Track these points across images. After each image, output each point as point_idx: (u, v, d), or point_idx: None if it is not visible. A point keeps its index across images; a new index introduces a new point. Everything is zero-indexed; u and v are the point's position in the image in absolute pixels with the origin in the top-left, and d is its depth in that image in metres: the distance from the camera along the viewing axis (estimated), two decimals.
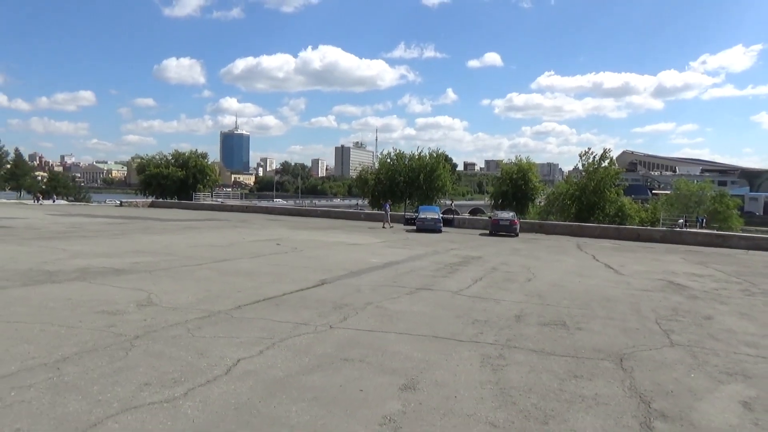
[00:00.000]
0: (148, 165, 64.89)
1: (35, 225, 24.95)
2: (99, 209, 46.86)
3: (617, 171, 48.65)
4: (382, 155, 58.08)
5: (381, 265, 15.24)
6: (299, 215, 46.82)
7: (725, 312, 10.46)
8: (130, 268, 12.44)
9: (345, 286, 11.26)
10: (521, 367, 6.09)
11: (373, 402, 4.84)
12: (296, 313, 8.39)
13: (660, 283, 14.33)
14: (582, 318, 9.04)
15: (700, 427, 4.64)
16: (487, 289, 11.71)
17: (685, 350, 7.24)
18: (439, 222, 32.93)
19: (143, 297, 9.17)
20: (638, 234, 36.21)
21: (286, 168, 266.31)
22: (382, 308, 9.08)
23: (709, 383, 5.87)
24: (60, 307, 8.16)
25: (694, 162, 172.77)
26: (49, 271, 11.69)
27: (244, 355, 6.02)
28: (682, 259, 22.56)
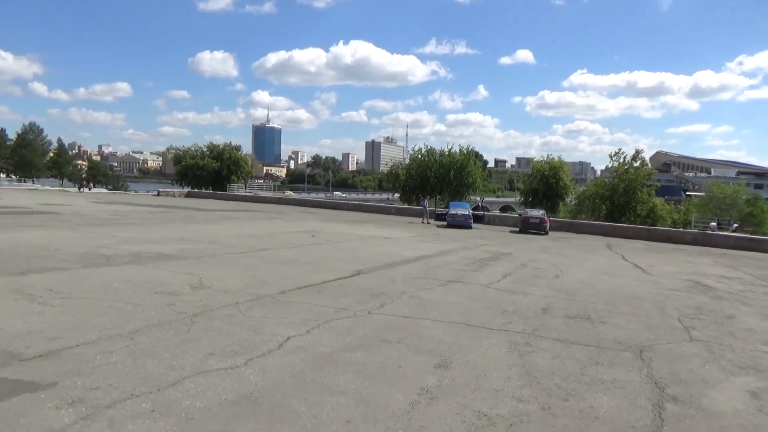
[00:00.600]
0: (185, 156, 66.53)
1: (81, 212, 26.14)
2: (138, 198, 48.41)
3: (649, 172, 48.25)
4: (413, 150, 58.52)
5: (413, 258, 15.81)
6: (331, 208, 47.64)
7: (748, 312, 10.76)
8: (178, 255, 13.26)
9: (380, 276, 11.87)
10: (546, 353, 6.62)
11: (411, 376, 5.43)
12: (336, 299, 9.03)
13: (687, 283, 14.59)
14: (606, 313, 9.48)
15: (707, 410, 5.11)
16: (516, 284, 12.19)
17: (703, 345, 7.66)
18: (469, 218, 33.31)
19: (195, 280, 9.92)
20: (669, 235, 36.01)
21: (317, 161, 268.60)
22: (416, 297, 9.67)
23: (722, 375, 6.31)
24: (122, 287, 8.95)
25: (730, 164, 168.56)
26: (104, 255, 12.57)
27: (293, 334, 6.67)
28: (712, 261, 22.59)
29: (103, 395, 4.42)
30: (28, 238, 14.72)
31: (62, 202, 33.64)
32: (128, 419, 4.01)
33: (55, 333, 6.08)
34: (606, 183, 49.52)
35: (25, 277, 9.31)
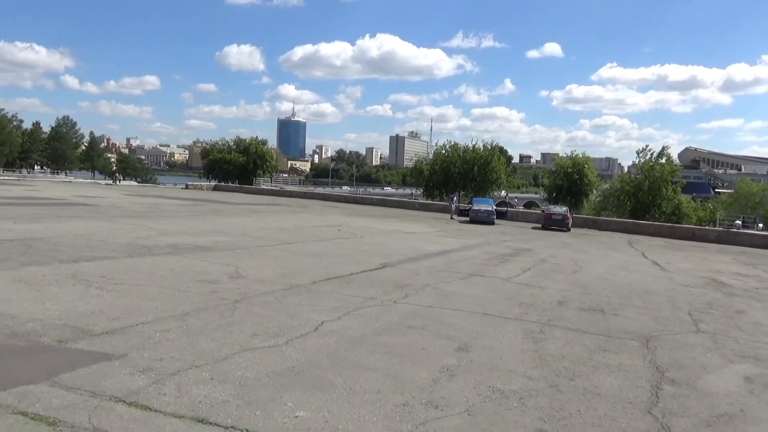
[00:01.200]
0: (212, 150, 67.91)
1: (116, 204, 27.21)
2: (168, 191, 49.71)
3: (674, 169, 48.05)
4: (437, 146, 58.91)
5: (436, 252, 16.42)
6: (355, 203, 48.41)
7: (759, 308, 11.16)
8: (213, 246, 14.05)
9: (404, 269, 12.50)
10: (558, 340, 7.18)
11: (434, 357, 6.06)
12: (364, 289, 9.69)
13: (703, 280, 14.95)
14: (619, 306, 9.98)
15: (701, 390, 5.65)
16: (535, 278, 12.72)
17: (709, 336, 8.14)
18: (492, 214, 33.71)
19: (232, 270, 10.66)
20: (693, 233, 36.01)
21: (341, 155, 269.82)
22: (438, 289, 10.28)
23: (721, 362, 6.81)
24: (167, 275, 9.72)
25: (761, 161, 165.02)
26: (145, 245, 13.41)
27: (326, 319, 7.34)
28: (732, 259, 22.77)
29: (167, 365, 5.13)
30: (71, 228, 15.64)
31: (96, 194, 34.86)
32: (192, 384, 4.71)
33: (116, 314, 6.84)
34: (631, 179, 49.46)
35: (77, 264, 10.13)
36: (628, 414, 4.81)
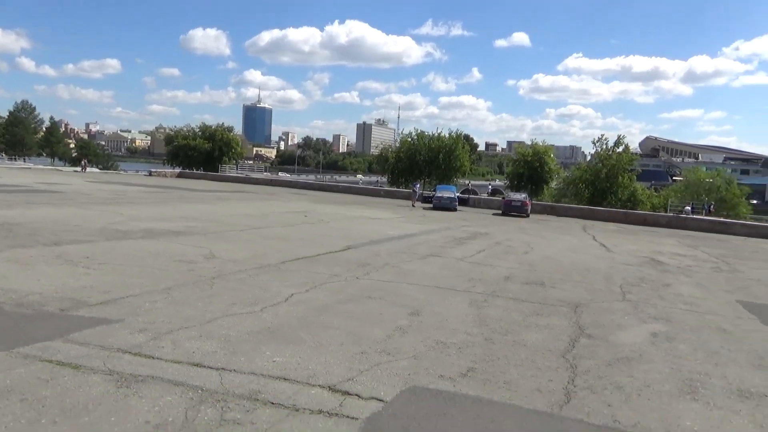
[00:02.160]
0: (176, 136, 67.28)
1: (82, 191, 27.40)
2: (132, 178, 49.47)
3: (631, 157, 50.01)
4: (403, 134, 59.88)
5: (398, 236, 17.42)
6: (321, 190, 49.08)
7: (685, 282, 12.49)
8: (185, 231, 14.74)
9: (367, 251, 13.46)
10: (498, 307, 8.26)
11: (389, 319, 7.05)
12: (329, 268, 10.61)
13: (642, 260, 16.31)
14: (559, 281, 11.16)
15: (611, 342, 6.78)
16: (487, 258, 13.84)
17: (631, 304, 9.35)
18: (454, 201, 34.88)
19: (206, 252, 11.45)
20: (645, 219, 37.88)
21: (307, 143, 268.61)
22: (397, 267, 11.28)
23: (635, 323, 8.00)
24: (145, 256, 10.47)
25: (718, 149, 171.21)
26: (120, 230, 14.04)
27: (295, 292, 8.26)
28: (677, 242, 24.39)
29: (160, 327, 5.98)
30: (44, 214, 16.10)
31: (59, 181, 34.74)
32: (184, 340, 5.58)
33: (106, 288, 7.62)
34: (589, 168, 51.33)
35: (59, 247, 10.79)
36: (545, 358, 5.89)
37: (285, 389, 4.52)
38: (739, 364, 6.31)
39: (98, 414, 3.84)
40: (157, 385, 4.39)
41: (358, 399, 4.46)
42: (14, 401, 3.94)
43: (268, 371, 4.91)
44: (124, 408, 3.96)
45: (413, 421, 4.11)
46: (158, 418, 3.84)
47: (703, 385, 5.43)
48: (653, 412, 4.65)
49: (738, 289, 12.09)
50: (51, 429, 3.60)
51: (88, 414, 3.83)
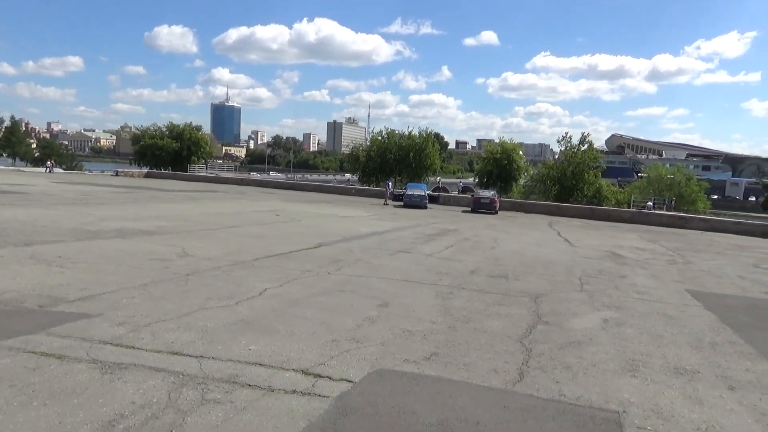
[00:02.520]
0: (143, 136, 66.44)
1: (48, 192, 27.08)
2: (98, 178, 48.72)
3: (595, 155, 51.32)
4: (374, 133, 60.31)
5: (369, 233, 17.80)
6: (292, 189, 49.11)
7: (641, 274, 13.15)
8: (156, 230, 14.87)
9: (339, 248, 13.81)
10: (462, 299, 8.71)
11: (359, 310, 7.43)
12: (302, 264, 10.93)
13: (603, 253, 17.01)
14: (522, 273, 11.68)
15: (565, 328, 7.28)
16: (455, 254, 14.32)
17: (588, 294, 9.91)
18: (425, 199, 35.42)
19: (180, 251, 11.66)
20: (609, 214, 38.99)
21: (277, 141, 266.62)
22: (368, 263, 11.66)
23: (589, 310, 8.53)
24: (119, 255, 10.63)
25: (681, 147, 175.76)
26: (91, 230, 14.10)
27: (269, 286, 8.57)
28: (637, 236, 25.30)
29: (139, 320, 6.25)
30: (11, 215, 16.02)
31: (23, 181, 34.13)
32: (163, 332, 5.87)
33: (82, 286, 7.83)
34: (555, 165, 52.51)
35: (31, 247, 10.87)
36: (503, 342, 6.34)
37: (261, 373, 4.87)
38: (679, 345, 6.87)
39: (86, 396, 4.14)
40: (140, 372, 4.69)
41: (329, 380, 4.83)
42: (4, 387, 4.21)
43: (245, 358, 5.24)
44: (110, 391, 4.26)
45: (379, 398, 4.50)
46: (143, 399, 4.15)
47: (643, 364, 5.95)
48: (596, 387, 5.13)
49: (688, 280, 12.80)
50: (42, 411, 3.88)
51: (76, 397, 4.12)
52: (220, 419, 3.93)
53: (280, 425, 3.91)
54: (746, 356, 6.61)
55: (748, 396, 5.27)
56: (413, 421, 4.13)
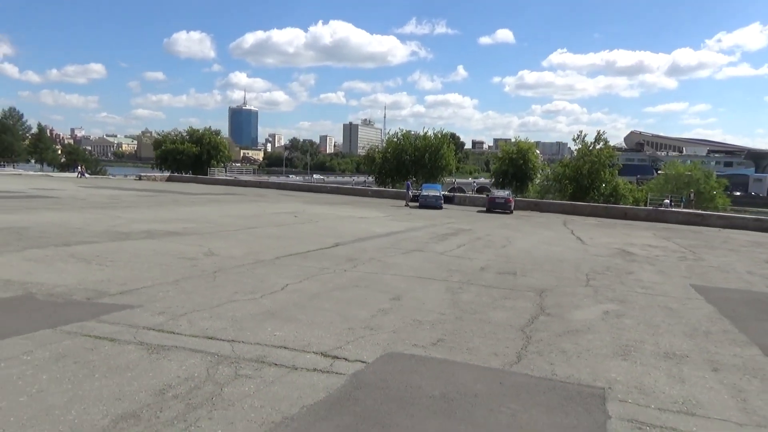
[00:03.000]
0: (165, 141, 67.91)
1: (78, 196, 28.14)
2: (122, 182, 50.07)
3: (611, 153, 51.37)
4: (389, 135, 60.94)
5: (384, 233, 18.41)
6: (310, 191, 49.94)
7: (648, 270, 13.57)
8: (183, 232, 15.64)
9: (354, 247, 14.44)
10: (471, 293, 9.28)
11: (373, 303, 8.04)
12: (319, 262, 11.58)
13: (614, 251, 17.41)
14: (530, 270, 12.20)
15: (566, 319, 7.81)
16: (467, 252, 14.86)
17: (593, 289, 10.40)
18: (440, 199, 35.92)
19: (206, 250, 12.38)
20: (625, 212, 39.11)
21: (294, 144, 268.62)
22: (382, 261, 12.27)
23: (592, 304, 9.04)
24: (151, 255, 11.37)
25: (702, 142, 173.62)
26: (122, 232, 14.91)
27: (290, 282, 9.22)
28: (652, 234, 25.55)
29: (176, 310, 6.93)
30: (47, 219, 16.91)
31: (52, 186, 35.35)
32: (198, 320, 6.54)
33: (121, 281, 8.55)
34: (571, 164, 52.67)
35: (70, 248, 11.66)
36: (506, 331, 6.91)
37: (285, 355, 5.50)
38: (673, 334, 7.37)
39: (138, 371, 4.81)
40: (181, 352, 5.36)
41: (345, 361, 5.44)
42: (69, 363, 4.90)
43: (271, 342, 5.89)
44: (158, 367, 4.93)
45: (389, 376, 5.10)
46: (186, 373, 4.81)
47: (635, 350, 6.48)
48: (587, 368, 5.68)
49: (696, 275, 13.21)
50: (104, 381, 4.55)
51: (130, 371, 4.79)
52: (252, 390, 4.57)
53: (303, 395, 4.54)
54: (737, 343, 7.09)
55: (729, 376, 5.78)
56: (418, 393, 4.73)
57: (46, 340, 5.51)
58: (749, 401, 5.07)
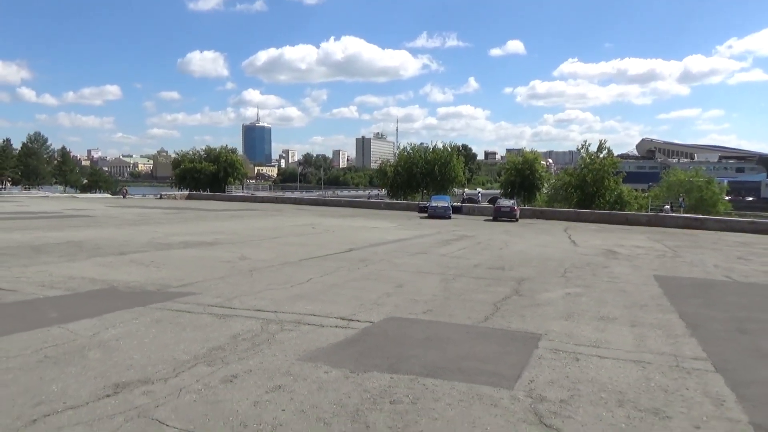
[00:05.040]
0: (183, 160, 70.67)
1: (111, 215, 30.56)
2: (144, 201, 52.71)
3: (614, 161, 53.06)
4: (400, 149, 63.22)
5: (394, 240, 20.50)
6: (325, 205, 52.23)
7: (623, 265, 15.48)
8: (215, 242, 17.84)
9: (367, 251, 16.53)
10: (461, 283, 11.32)
11: (380, 289, 10.12)
12: (337, 263, 13.68)
13: (600, 251, 19.31)
14: (517, 266, 14.20)
15: (534, 298, 9.82)
16: (466, 254, 16.89)
17: (566, 279, 12.38)
18: (448, 209, 37.91)
19: (239, 255, 14.53)
20: (627, 218, 40.74)
21: (307, 159, 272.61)
22: (390, 261, 14.34)
23: (559, 288, 11.04)
24: (194, 259, 13.55)
25: (714, 149, 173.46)
26: (163, 243, 17.13)
27: (313, 276, 11.34)
28: (646, 237, 27.27)
29: (228, 295, 9.07)
30: (94, 234, 19.20)
31: (83, 207, 37.93)
32: (246, 301, 8.67)
33: (178, 279, 10.70)
34: (575, 173, 54.41)
35: (126, 256, 13.88)
36: (482, 305, 8.96)
37: (314, 319, 7.60)
38: (615, 306, 9.36)
39: (214, 328, 6.95)
40: (240, 318, 7.49)
41: (357, 322, 7.53)
42: (166, 323, 7.06)
43: (303, 312, 7.99)
44: (227, 325, 7.07)
45: (388, 329, 7.17)
46: (247, 328, 6.94)
47: (578, 315, 8.49)
48: (535, 325, 7.70)
49: (665, 269, 15.09)
50: (193, 332, 6.68)
51: (208, 327, 6.93)
52: (294, 336, 6.67)
53: (329, 338, 6.63)
54: (662, 311, 9.06)
55: (641, 330, 7.75)
56: (408, 338, 6.79)
57: (143, 312, 7.68)
58: (646, 341, 7.06)
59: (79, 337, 6.34)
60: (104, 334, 6.50)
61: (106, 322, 7.05)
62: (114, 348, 5.98)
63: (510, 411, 4.56)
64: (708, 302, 10.23)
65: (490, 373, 5.50)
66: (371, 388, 4.97)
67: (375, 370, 5.46)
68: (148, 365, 5.41)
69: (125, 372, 5.21)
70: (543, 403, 4.77)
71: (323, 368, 5.49)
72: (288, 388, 4.90)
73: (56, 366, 5.33)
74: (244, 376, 5.21)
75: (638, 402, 4.89)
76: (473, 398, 4.80)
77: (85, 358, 5.61)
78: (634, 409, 4.73)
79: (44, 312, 7.57)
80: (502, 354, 6.26)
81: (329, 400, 4.66)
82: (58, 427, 4.01)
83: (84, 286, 9.67)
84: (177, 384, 4.92)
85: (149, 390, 4.77)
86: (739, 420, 4.60)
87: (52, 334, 6.41)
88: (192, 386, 4.90)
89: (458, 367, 5.64)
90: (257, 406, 4.50)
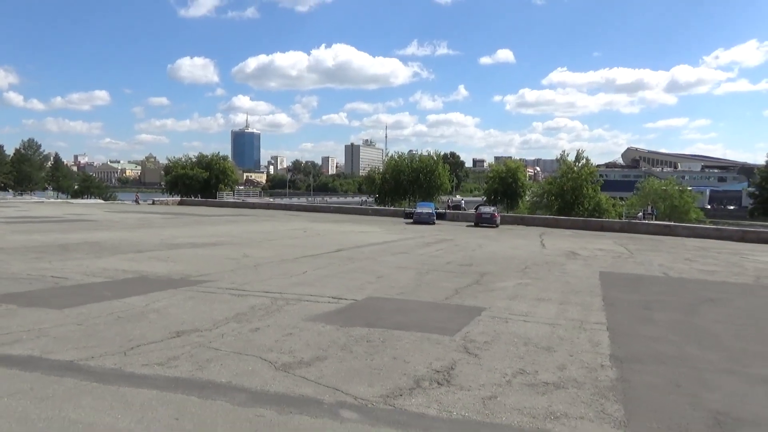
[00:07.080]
0: (175, 166, 72.18)
1: (112, 219, 32.33)
2: (141, 207, 54.27)
3: (591, 170, 55.61)
4: (388, 157, 65.43)
5: (379, 242, 22.64)
6: (314, 211, 54.25)
7: (578, 263, 17.71)
8: (218, 243, 19.88)
9: (354, 251, 18.66)
10: (433, 276, 13.48)
11: (364, 279, 12.27)
12: (328, 260, 15.80)
13: (564, 252, 21.55)
14: (485, 264, 16.39)
15: (491, 286, 11.99)
16: (442, 254, 19.07)
17: (524, 273, 14.59)
18: (432, 216, 40.07)
19: (242, 254, 16.60)
20: (602, 225, 43.07)
21: (297, 166, 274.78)
22: (374, 259, 16.49)
23: (515, 279, 13.23)
24: (205, 257, 15.60)
25: (697, 158, 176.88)
26: (173, 243, 19.14)
27: (308, 270, 13.46)
28: (612, 241, 29.54)
29: (239, 282, 11.16)
30: (107, 236, 21.14)
31: (80, 212, 39.44)
32: (255, 286, 10.77)
33: (195, 271, 12.77)
34: (555, 181, 56.86)
35: (144, 253, 15.89)
36: (445, 290, 11.12)
37: (312, 298, 9.74)
38: (555, 292, 11.55)
39: (234, 302, 9.06)
40: (252, 296, 9.60)
41: (344, 300, 9.68)
42: (197, 300, 9.16)
43: (302, 293, 10.13)
44: (244, 301, 9.19)
45: (368, 304, 9.33)
46: (260, 303, 9.07)
47: (521, 297, 10.68)
48: (483, 302, 9.89)
49: (613, 266, 17.35)
50: (219, 305, 8.80)
51: (230, 302, 9.05)
52: (297, 308, 8.81)
53: (323, 309, 8.79)
54: (591, 295, 11.27)
55: (567, 307, 9.93)
56: (383, 309, 8.96)
57: (176, 293, 9.78)
58: (565, 314, 9.26)
59: (136, 307, 8.45)
60: (154, 305, 8.61)
61: (151, 298, 9.16)
62: (165, 313, 8.09)
63: (447, 346, 6.73)
64: (632, 290, 12.49)
65: (440, 328, 7.68)
66: (354, 334, 7.13)
67: (357, 326, 7.62)
68: (195, 321, 7.53)
69: (180, 325, 7.33)
70: (471, 342, 6.95)
71: (321, 324, 7.65)
72: (297, 335, 7.05)
73: (129, 322, 7.44)
74: (265, 329, 7.35)
75: (539, 343, 7.09)
76: (424, 340, 6.97)
77: (147, 318, 7.71)
78: (533, 346, 6.93)
79: (100, 292, 9.64)
80: (452, 318, 8.44)
81: (326, 340, 6.82)
82: (149, 351, 6.12)
83: (119, 275, 11.73)
84: (219, 332, 7.06)
85: (201, 335, 6.89)
86: (603, 353, 6.79)
87: (115, 305, 8.50)
88: (230, 333, 7.03)
89: (417, 325, 7.82)
90: (277, 342, 6.65)
